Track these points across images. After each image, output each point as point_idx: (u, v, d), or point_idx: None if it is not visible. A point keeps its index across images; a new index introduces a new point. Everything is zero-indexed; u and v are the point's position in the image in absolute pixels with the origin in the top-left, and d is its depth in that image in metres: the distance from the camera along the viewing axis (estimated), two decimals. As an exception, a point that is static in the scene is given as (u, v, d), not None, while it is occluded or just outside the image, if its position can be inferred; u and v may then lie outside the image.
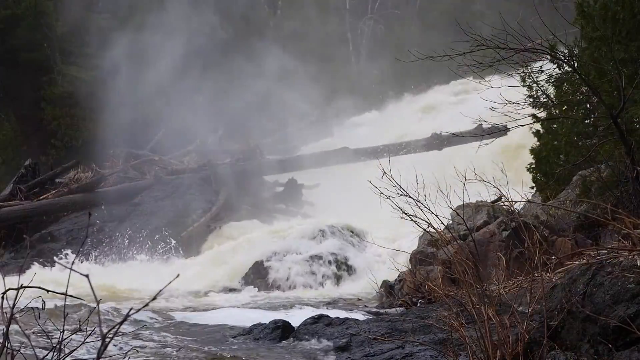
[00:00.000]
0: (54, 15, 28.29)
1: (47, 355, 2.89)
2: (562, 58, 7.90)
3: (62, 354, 2.88)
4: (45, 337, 3.29)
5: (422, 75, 31.19)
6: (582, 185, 9.99)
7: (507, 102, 7.66)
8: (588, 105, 10.32)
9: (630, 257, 5.14)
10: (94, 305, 2.10)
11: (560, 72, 8.97)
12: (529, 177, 11.49)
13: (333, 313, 8.84)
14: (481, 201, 9.76)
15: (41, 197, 20.09)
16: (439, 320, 5.53)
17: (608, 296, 4.96)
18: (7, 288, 2.69)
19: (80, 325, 2.99)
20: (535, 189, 11.62)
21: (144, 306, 2.05)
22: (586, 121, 10.32)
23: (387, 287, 10.97)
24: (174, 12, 27.49)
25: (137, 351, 7.14)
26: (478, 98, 7.69)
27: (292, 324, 8.07)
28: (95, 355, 2.16)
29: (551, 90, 10.19)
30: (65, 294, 2.52)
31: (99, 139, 26.04)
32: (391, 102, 31.59)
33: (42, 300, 2.93)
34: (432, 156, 20.40)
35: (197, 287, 14.26)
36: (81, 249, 17.30)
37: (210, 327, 8.95)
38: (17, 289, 2.64)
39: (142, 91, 25.71)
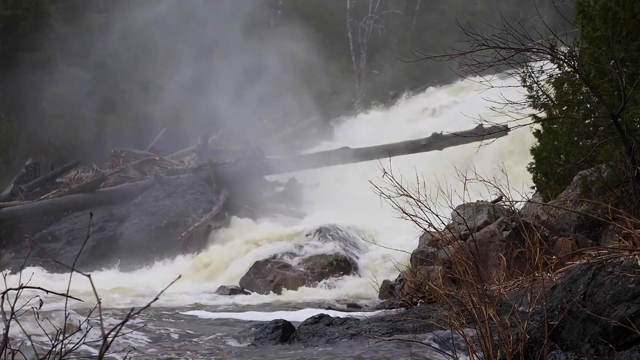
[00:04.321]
0: (54, 16, 28.28)
1: (47, 355, 2.88)
2: (563, 58, 7.89)
3: (63, 354, 2.88)
4: (45, 337, 3.29)
5: (423, 75, 31.20)
6: (583, 185, 10.00)
7: (507, 102, 7.66)
8: (588, 105, 10.32)
9: (630, 257, 5.14)
10: (94, 305, 2.10)
11: (561, 72, 8.97)
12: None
13: (334, 313, 8.85)
14: (482, 201, 9.76)
15: (42, 197, 20.10)
16: (440, 320, 5.53)
17: (609, 296, 4.96)
18: (7, 288, 2.69)
19: (80, 325, 2.98)
20: (535, 188, 11.62)
21: (145, 307, 2.05)
22: (586, 121, 10.32)
23: (388, 287, 10.97)
24: (174, 11, 27.49)
25: (136, 351, 7.14)
26: (478, 98, 7.69)
27: (292, 323, 8.06)
28: (96, 356, 2.16)
29: (551, 91, 10.19)
30: (66, 294, 2.52)
31: (99, 139, 26.05)
32: (391, 102, 31.59)
33: (41, 300, 2.93)
34: (432, 156, 20.40)
35: (197, 288, 14.27)
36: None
37: (211, 327, 8.95)
38: (17, 289, 2.64)
39: (144, 91, 25.72)
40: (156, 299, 2.05)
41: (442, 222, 5.35)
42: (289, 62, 27.34)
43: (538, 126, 11.08)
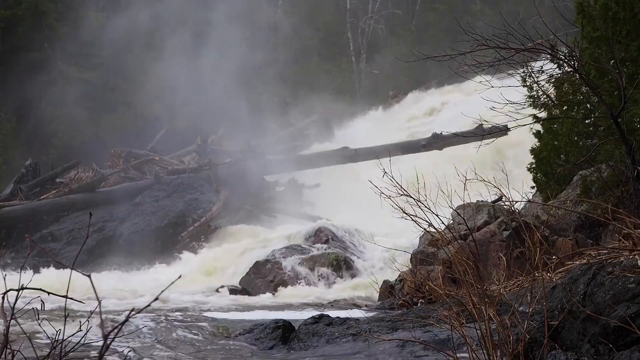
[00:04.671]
0: (54, 16, 28.29)
1: (47, 355, 2.88)
2: (563, 58, 7.89)
3: (63, 355, 2.88)
4: (45, 338, 3.29)
5: (423, 75, 31.20)
6: (583, 185, 10.00)
7: (507, 102, 7.66)
8: (588, 105, 10.33)
9: (630, 257, 5.13)
10: (94, 305, 2.10)
11: (561, 72, 8.97)
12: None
13: (334, 313, 8.84)
14: (482, 201, 9.76)
15: (42, 197, 20.09)
16: (440, 320, 5.53)
17: (609, 296, 4.96)
18: (7, 289, 2.69)
19: (80, 326, 2.98)
20: (535, 188, 11.63)
21: (146, 307, 2.05)
22: (586, 121, 10.33)
23: (388, 287, 10.97)
24: (174, 10, 27.51)
25: (135, 351, 7.14)
26: (479, 98, 7.69)
27: (292, 324, 8.07)
28: (96, 356, 2.16)
29: (551, 91, 10.20)
30: (65, 296, 2.52)
31: (99, 139, 26.05)
32: (391, 102, 31.59)
33: (41, 300, 2.93)
34: (432, 156, 20.41)
35: (197, 288, 14.26)
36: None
37: (211, 327, 8.94)
38: (18, 290, 2.64)
39: (144, 91, 25.72)
40: (156, 299, 2.05)
41: (442, 222, 5.35)
42: (289, 62, 27.35)
43: (538, 126, 11.09)
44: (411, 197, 5.19)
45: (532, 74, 9.47)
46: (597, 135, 9.66)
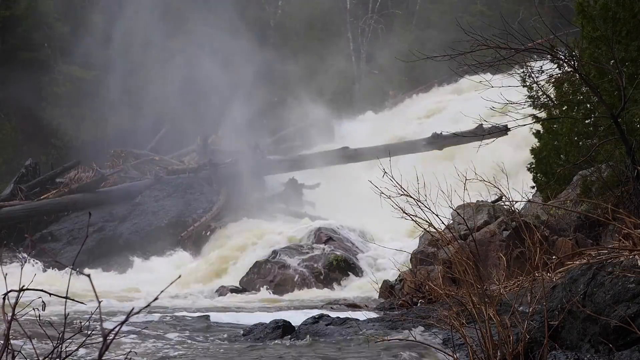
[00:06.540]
0: (54, 15, 28.29)
1: (48, 355, 2.89)
2: (563, 58, 7.89)
3: (63, 355, 2.88)
4: (46, 338, 3.29)
5: (423, 75, 31.18)
6: (583, 185, 10.00)
7: (507, 102, 7.67)
8: (588, 105, 10.33)
9: (630, 257, 5.14)
10: (94, 305, 2.10)
11: (561, 72, 8.97)
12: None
13: (334, 313, 8.85)
14: (482, 201, 9.76)
15: (42, 197, 20.09)
16: (440, 320, 5.53)
17: (608, 296, 4.96)
18: (8, 290, 2.69)
19: (81, 326, 2.99)
20: (535, 188, 11.63)
21: (146, 307, 2.05)
22: (586, 121, 10.33)
23: (388, 287, 10.96)
24: (174, 11, 27.51)
25: (135, 351, 7.15)
26: (479, 98, 7.69)
27: (292, 323, 8.07)
28: (96, 356, 2.16)
29: (551, 91, 10.20)
30: (66, 297, 2.52)
31: (99, 139, 26.05)
32: (391, 102, 31.57)
33: (43, 301, 2.93)
34: (432, 156, 20.40)
35: (197, 287, 14.27)
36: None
37: (211, 327, 8.95)
38: (18, 291, 2.64)
39: (144, 91, 25.72)
40: (156, 298, 2.05)
41: (442, 222, 5.35)
42: (289, 62, 27.33)
43: (538, 126, 11.09)
44: (411, 197, 5.20)
45: (532, 74, 9.47)
46: (597, 135, 9.67)
